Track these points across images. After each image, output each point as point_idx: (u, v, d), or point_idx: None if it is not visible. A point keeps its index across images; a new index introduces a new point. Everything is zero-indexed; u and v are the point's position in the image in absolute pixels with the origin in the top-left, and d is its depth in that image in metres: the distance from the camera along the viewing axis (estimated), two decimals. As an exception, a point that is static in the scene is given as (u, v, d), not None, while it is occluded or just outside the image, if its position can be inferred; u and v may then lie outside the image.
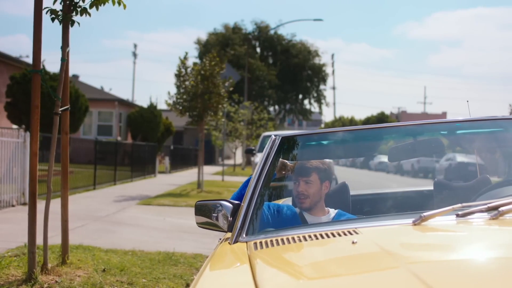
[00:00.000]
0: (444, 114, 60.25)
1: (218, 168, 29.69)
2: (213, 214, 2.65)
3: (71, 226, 8.43)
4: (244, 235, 2.37)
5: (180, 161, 28.25)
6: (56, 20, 4.57)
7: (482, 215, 2.14)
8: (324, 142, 2.93)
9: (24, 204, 10.58)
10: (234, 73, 19.76)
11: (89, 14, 4.49)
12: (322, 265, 1.84)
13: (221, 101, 14.71)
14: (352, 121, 52.45)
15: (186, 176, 22.55)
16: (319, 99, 50.30)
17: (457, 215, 2.15)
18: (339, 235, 2.09)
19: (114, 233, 8.10)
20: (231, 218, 2.57)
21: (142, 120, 26.83)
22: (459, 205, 2.19)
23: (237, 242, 2.35)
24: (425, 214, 2.11)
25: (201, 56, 43.02)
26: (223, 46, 46.12)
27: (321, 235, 2.13)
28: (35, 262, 4.38)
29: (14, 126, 16.04)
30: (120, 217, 9.83)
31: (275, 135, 2.90)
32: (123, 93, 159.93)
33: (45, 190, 11.97)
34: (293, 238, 2.16)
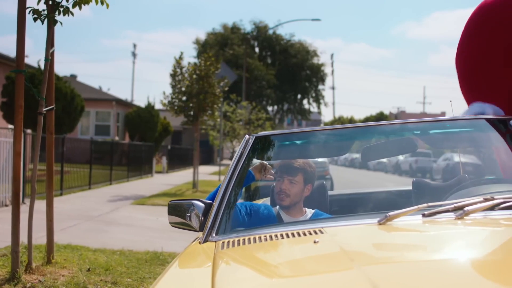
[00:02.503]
0: (443, 114, 60.27)
1: (216, 168, 29.69)
2: (187, 214, 2.66)
3: (63, 225, 8.46)
4: (214, 235, 2.37)
5: (178, 161, 28.25)
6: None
7: (448, 215, 2.14)
8: (298, 142, 2.93)
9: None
10: (230, 73, 19.75)
11: (72, 14, 4.50)
12: (279, 264, 1.84)
13: (216, 101, 14.71)
14: (351, 121, 52.52)
15: (183, 176, 22.57)
16: (318, 99, 50.29)
17: (423, 215, 2.15)
18: (304, 234, 2.10)
19: (105, 233, 8.10)
20: (202, 218, 2.57)
21: (140, 120, 26.85)
22: (425, 204, 2.19)
23: (206, 241, 2.36)
24: (390, 213, 2.12)
25: (199, 56, 42.99)
26: (222, 46, 46.13)
27: (287, 235, 2.14)
28: (18, 261, 4.38)
29: (10, 126, 16.05)
30: (113, 217, 9.84)
31: (248, 135, 2.91)
32: (123, 93, 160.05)
33: (39, 190, 11.93)
34: (259, 238, 2.17)
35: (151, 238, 7.69)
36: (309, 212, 2.87)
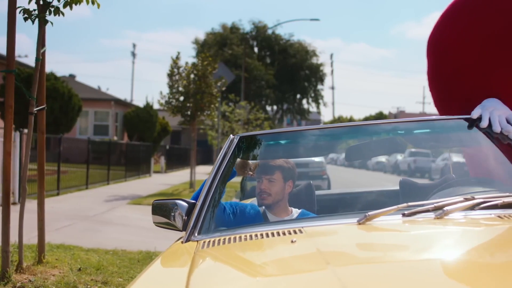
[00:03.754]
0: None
1: (214, 168, 29.62)
2: (171, 214, 2.66)
3: (58, 225, 8.46)
4: (196, 234, 2.38)
5: (176, 160, 28.26)
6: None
7: (428, 215, 2.15)
8: (283, 142, 2.94)
9: (14, 203, 10.60)
10: (228, 72, 19.75)
11: (63, 14, 4.50)
12: (253, 264, 1.85)
13: (214, 100, 14.72)
14: (351, 121, 52.49)
15: (181, 176, 22.57)
16: (317, 99, 50.30)
17: (403, 215, 2.16)
18: (284, 234, 2.10)
19: (100, 233, 8.11)
20: (186, 217, 2.57)
21: (138, 120, 26.85)
22: (405, 204, 2.19)
23: (189, 241, 2.36)
24: (369, 213, 2.12)
25: (198, 56, 42.97)
26: (221, 46, 46.13)
27: (267, 234, 2.15)
28: (8, 261, 4.38)
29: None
30: (108, 216, 9.85)
31: (233, 135, 2.91)
32: (122, 93, 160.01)
33: (34, 190, 11.92)
34: (239, 237, 2.17)
35: (146, 238, 7.69)
36: (295, 212, 2.88)
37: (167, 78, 14.94)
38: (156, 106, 30.34)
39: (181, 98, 14.80)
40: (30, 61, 56.44)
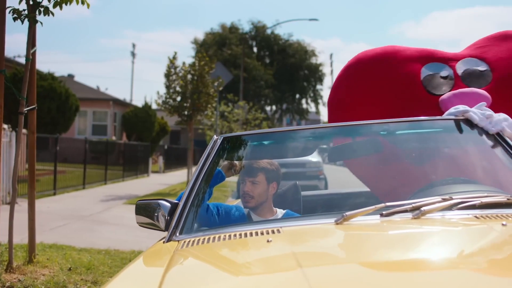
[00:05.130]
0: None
1: (213, 168, 29.64)
2: (154, 214, 2.67)
3: (52, 225, 8.47)
4: (177, 234, 2.38)
5: (175, 160, 28.26)
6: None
7: (406, 215, 2.15)
8: (266, 142, 2.95)
9: (8, 203, 10.60)
10: (226, 72, 19.75)
11: (53, 14, 4.51)
12: (226, 264, 1.86)
13: (211, 100, 14.73)
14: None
15: (179, 176, 22.57)
16: (316, 98, 50.30)
17: (381, 215, 2.16)
18: (262, 234, 2.11)
19: (94, 232, 8.12)
20: (168, 217, 2.58)
21: (137, 120, 26.87)
22: (382, 204, 2.20)
23: (170, 240, 2.37)
24: (347, 213, 2.13)
25: (196, 56, 43.00)
26: (220, 45, 46.12)
27: (245, 234, 2.15)
28: (-3, 260, 4.39)
29: (4, 126, 16.06)
30: (104, 216, 9.85)
31: (216, 135, 2.92)
32: (122, 93, 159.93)
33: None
34: (219, 237, 2.18)
35: (140, 237, 7.70)
36: (280, 212, 2.88)
37: (164, 78, 14.95)
38: (154, 106, 30.35)
39: (178, 98, 14.81)
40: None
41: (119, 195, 13.54)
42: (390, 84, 3.16)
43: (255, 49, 49.44)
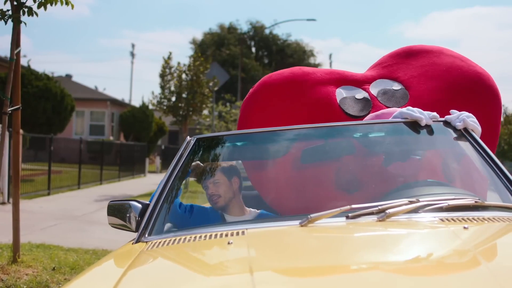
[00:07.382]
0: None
1: (210, 168, 29.65)
2: (126, 215, 2.67)
3: (43, 225, 8.47)
4: (147, 235, 2.39)
5: (172, 160, 28.25)
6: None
7: (371, 217, 2.15)
8: (239, 143, 2.95)
9: (3, 203, 10.61)
10: (222, 72, 19.72)
11: (37, 15, 4.51)
12: (184, 266, 1.87)
13: (205, 100, 14.73)
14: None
15: (176, 176, 22.54)
16: (314, 99, 50.31)
17: (347, 217, 2.16)
18: (226, 235, 2.11)
19: (84, 232, 8.12)
20: (139, 218, 2.58)
21: (134, 120, 26.87)
22: (348, 207, 2.19)
23: (139, 241, 2.38)
24: (312, 215, 2.12)
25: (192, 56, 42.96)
26: (219, 46, 46.12)
27: (210, 236, 2.16)
28: (-20, 261, 4.40)
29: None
30: (96, 216, 9.86)
31: (190, 137, 2.92)
32: (121, 94, 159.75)
33: (27, 189, 11.92)
34: (185, 239, 2.18)
35: (130, 237, 7.66)
36: (254, 212, 2.88)
37: (159, 78, 14.96)
38: (151, 106, 30.36)
39: (173, 98, 14.82)
40: (30, 61, 56.35)
41: (114, 195, 13.54)
42: (305, 107, 3.19)
43: (253, 49, 49.43)
